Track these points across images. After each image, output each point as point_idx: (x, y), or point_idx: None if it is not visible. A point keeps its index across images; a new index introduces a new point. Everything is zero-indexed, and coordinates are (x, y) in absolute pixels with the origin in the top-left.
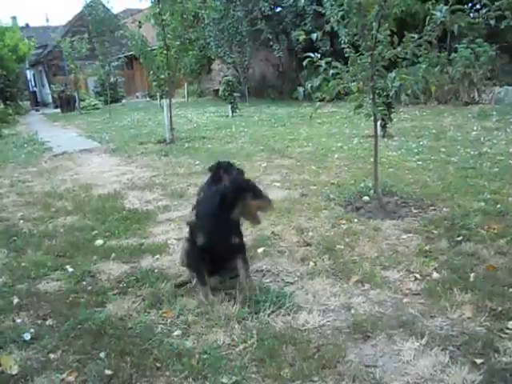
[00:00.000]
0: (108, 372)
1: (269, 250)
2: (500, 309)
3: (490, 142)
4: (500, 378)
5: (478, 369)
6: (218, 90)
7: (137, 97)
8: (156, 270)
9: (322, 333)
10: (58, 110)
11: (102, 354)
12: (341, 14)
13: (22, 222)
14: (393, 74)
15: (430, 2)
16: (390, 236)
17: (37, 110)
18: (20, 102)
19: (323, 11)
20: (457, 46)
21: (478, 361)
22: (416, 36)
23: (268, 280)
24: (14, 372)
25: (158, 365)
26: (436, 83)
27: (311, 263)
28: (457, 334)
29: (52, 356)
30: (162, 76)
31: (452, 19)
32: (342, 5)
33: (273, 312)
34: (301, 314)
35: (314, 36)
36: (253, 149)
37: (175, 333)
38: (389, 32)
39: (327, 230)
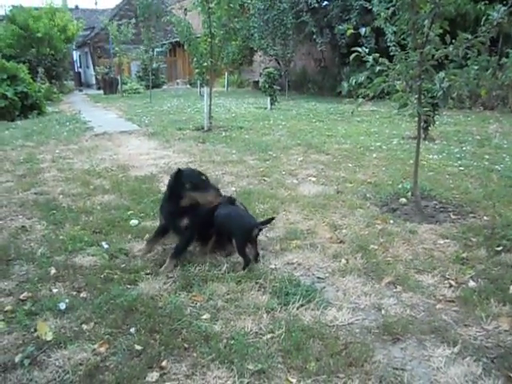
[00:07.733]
0: (138, 347)
1: (301, 243)
2: None
3: None
4: None
5: None
6: (258, 82)
7: (177, 83)
8: (187, 254)
9: (350, 331)
10: (101, 92)
11: (133, 330)
12: (391, 10)
13: (61, 196)
14: (442, 74)
15: (482, 3)
16: (426, 240)
17: (80, 91)
18: (65, 82)
19: (370, 7)
20: (508, 50)
21: None
22: (469, 36)
23: (298, 274)
24: (48, 338)
25: (186, 345)
26: (487, 87)
27: (343, 260)
28: (491, 346)
29: (85, 327)
30: (205, 64)
31: (509, 21)
32: (392, 0)
33: (302, 305)
34: (330, 310)
35: (362, 31)
36: (289, 142)
37: (204, 316)
38: (441, 31)
39: (361, 229)
